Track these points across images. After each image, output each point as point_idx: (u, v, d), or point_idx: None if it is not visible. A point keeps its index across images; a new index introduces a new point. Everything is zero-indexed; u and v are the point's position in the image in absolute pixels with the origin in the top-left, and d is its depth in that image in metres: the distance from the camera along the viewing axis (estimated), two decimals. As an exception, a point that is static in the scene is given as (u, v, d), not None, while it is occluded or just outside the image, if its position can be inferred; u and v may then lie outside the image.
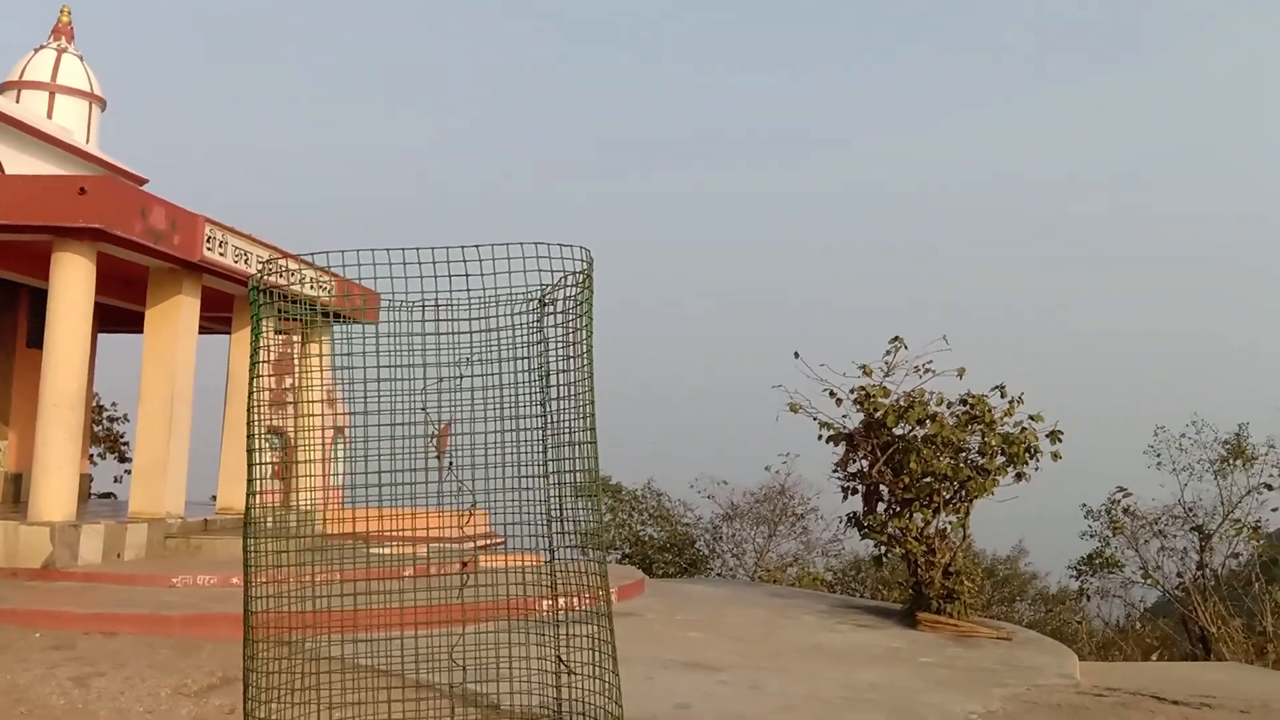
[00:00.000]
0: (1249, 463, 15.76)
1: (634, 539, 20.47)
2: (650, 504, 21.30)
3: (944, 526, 12.01)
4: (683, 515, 21.82)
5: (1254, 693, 8.80)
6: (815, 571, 21.46)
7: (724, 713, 6.75)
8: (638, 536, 20.55)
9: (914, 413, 11.81)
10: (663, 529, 20.78)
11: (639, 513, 21.01)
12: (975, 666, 8.92)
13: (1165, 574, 16.16)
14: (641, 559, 19.71)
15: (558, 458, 4.64)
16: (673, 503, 21.90)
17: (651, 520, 21.02)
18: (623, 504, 20.83)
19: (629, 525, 20.73)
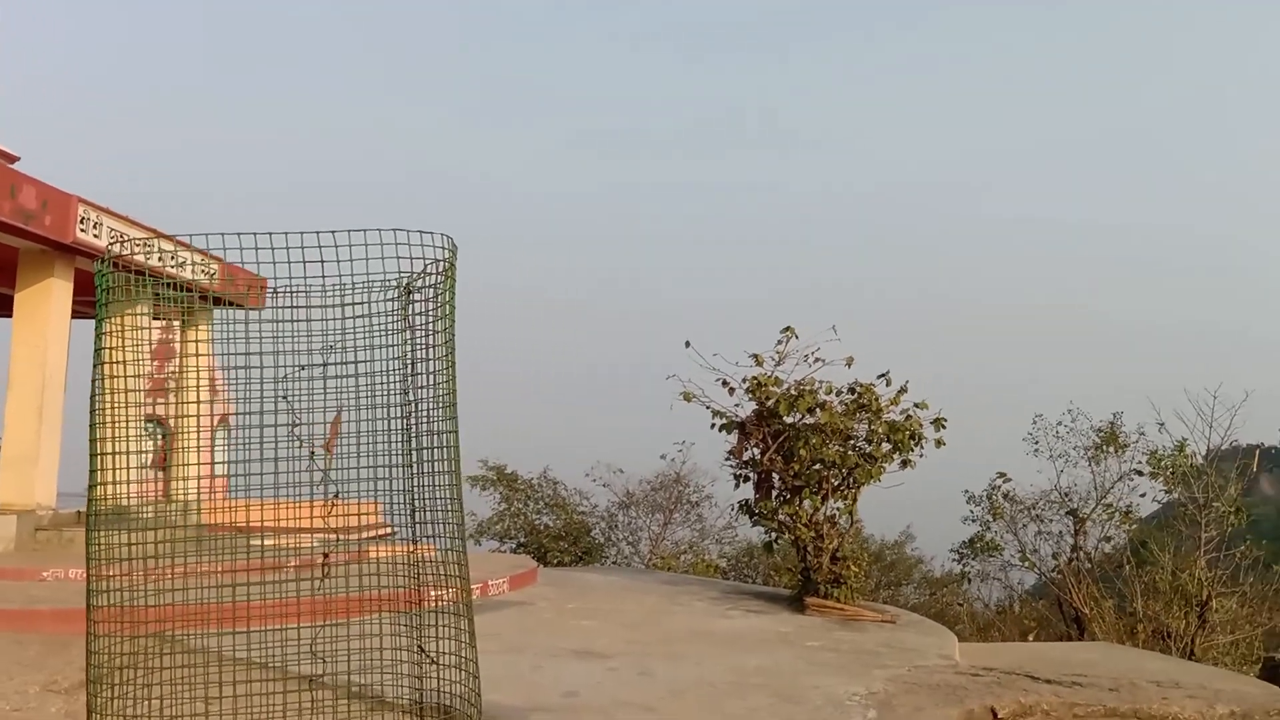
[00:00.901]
0: (1121, 450, 16.42)
1: (529, 528, 20.39)
2: (546, 492, 21.24)
3: (832, 513, 12.25)
4: (579, 504, 21.82)
5: (1122, 671, 9.19)
6: (709, 559, 21.68)
7: (612, 700, 6.77)
8: (533, 525, 20.47)
9: (804, 401, 12.01)
10: (558, 517, 20.74)
11: (534, 501, 20.93)
12: (859, 649, 9.12)
13: (1042, 557, 16.75)
14: (536, 548, 19.65)
15: (420, 446, 4.57)
16: (569, 491, 21.88)
17: (547, 509, 20.96)
18: (518, 493, 20.73)
19: (524, 514, 20.64)
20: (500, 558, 16.06)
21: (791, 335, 12.37)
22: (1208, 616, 14.21)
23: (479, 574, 11.54)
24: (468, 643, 4.30)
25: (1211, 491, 15.39)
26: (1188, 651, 13.71)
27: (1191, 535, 15.36)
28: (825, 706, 6.80)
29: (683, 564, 20.89)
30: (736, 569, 22.40)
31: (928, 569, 23.86)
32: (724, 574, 21.12)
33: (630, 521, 22.53)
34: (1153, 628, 14.39)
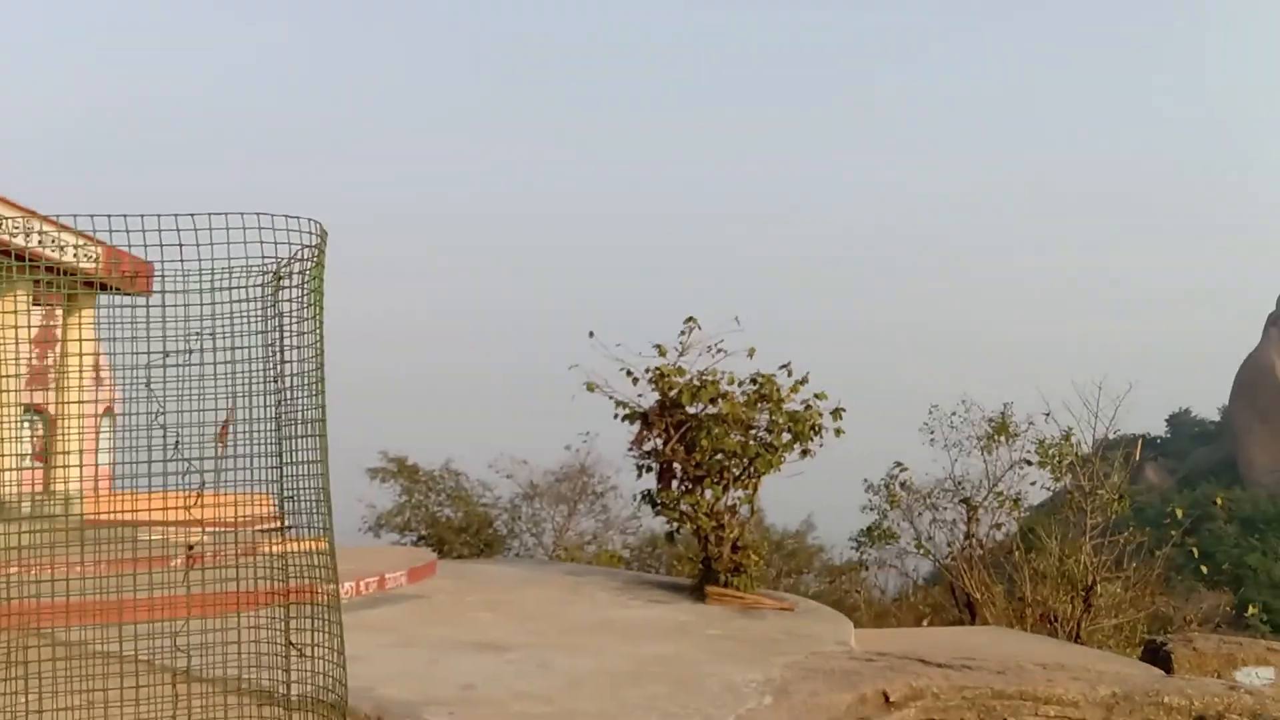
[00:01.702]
0: (1011, 439, 16.88)
1: (430, 520, 20.11)
2: (448, 484, 20.97)
3: (734, 502, 12.35)
4: (481, 495, 21.61)
5: (1010, 653, 9.46)
6: (613, 549, 21.71)
7: (510, 692, 6.70)
8: (434, 518, 20.20)
9: (707, 392, 12.08)
10: (460, 509, 20.50)
11: (436, 493, 20.65)
12: (758, 637, 9.21)
13: (937, 544, 17.11)
14: (437, 540, 19.40)
15: (289, 436, 4.43)
16: (471, 483, 21.65)
17: (449, 501, 20.70)
18: (419, 485, 20.43)
19: (425, 506, 20.35)
20: (399, 550, 15.82)
21: (694, 326, 12.43)
22: (1093, 601, 14.70)
23: (377, 567, 11.36)
24: (338, 634, 4.19)
25: (1097, 480, 15.92)
26: (1074, 635, 14.17)
27: (1078, 522, 15.85)
28: (723, 694, 6.84)
29: (586, 555, 20.87)
30: (640, 559, 22.46)
31: (828, 557, 24.24)
32: (627, 564, 21.17)
33: (534, 513, 22.42)
34: (1040, 612, 14.84)
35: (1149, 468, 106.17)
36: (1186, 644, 10.92)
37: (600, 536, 22.58)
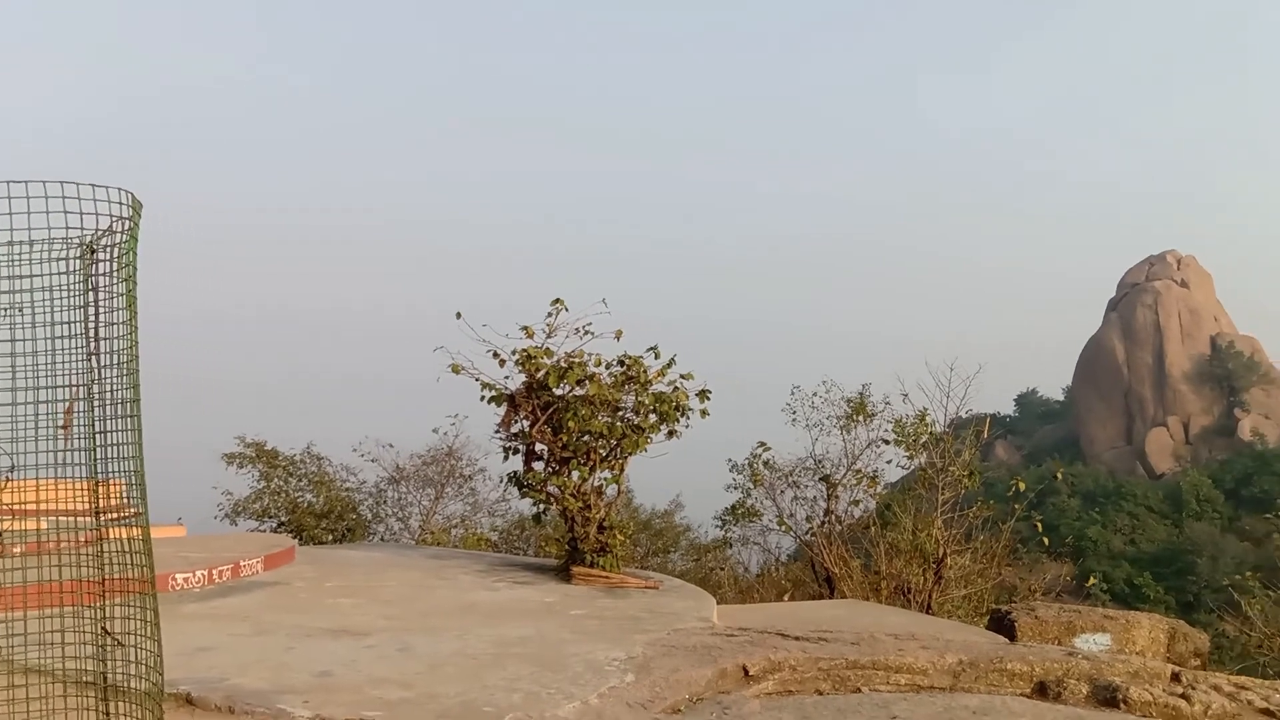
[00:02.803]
0: (869, 419, 17.43)
1: (290, 506, 19.58)
2: (309, 469, 20.45)
3: (600, 483, 12.40)
4: (345, 480, 21.16)
5: (864, 625, 9.77)
6: (480, 532, 21.55)
7: (368, 678, 6.58)
8: (295, 503, 19.67)
9: (574, 373, 12.07)
10: (321, 494, 20.02)
11: (296, 478, 20.10)
12: (622, 615, 9.27)
13: (798, 521, 17.57)
14: (297, 526, 18.91)
15: (102, 417, 4.24)
16: (334, 467, 21.18)
17: (310, 486, 20.19)
18: (278, 470, 19.86)
19: (285, 492, 19.80)
20: (255, 537, 15.35)
21: (561, 308, 12.39)
22: (943, 573, 15.31)
23: (231, 554, 11.00)
24: (154, 621, 4.03)
25: (949, 457, 16.56)
26: (925, 606, 14.74)
27: (930, 498, 16.47)
28: (585, 673, 6.86)
29: (453, 538, 20.67)
30: (508, 541, 22.37)
31: (695, 536, 24.60)
32: (495, 547, 21.05)
33: (400, 497, 22.09)
34: (895, 584, 15.38)
35: (998, 445, 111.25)
36: (1029, 613, 11.46)
37: (468, 520, 22.38)
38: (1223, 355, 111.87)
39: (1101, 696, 7.39)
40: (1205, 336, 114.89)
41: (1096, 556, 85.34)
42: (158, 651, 3.97)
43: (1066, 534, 59.38)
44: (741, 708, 6.46)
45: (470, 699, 6.10)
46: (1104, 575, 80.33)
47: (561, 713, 5.94)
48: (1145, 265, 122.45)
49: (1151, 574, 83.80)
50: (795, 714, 6.32)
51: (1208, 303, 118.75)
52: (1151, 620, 11.57)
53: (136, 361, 4.03)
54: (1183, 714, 7.14)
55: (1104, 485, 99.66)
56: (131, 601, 4.04)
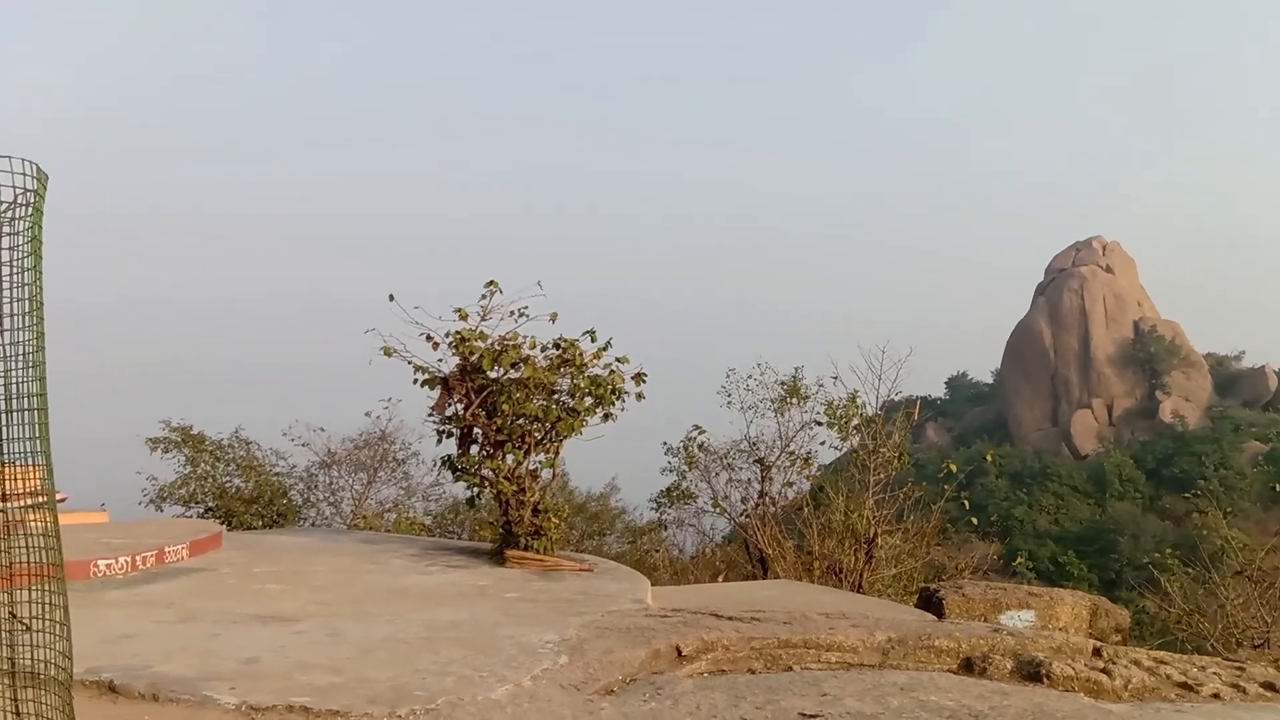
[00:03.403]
0: (802, 401, 17.60)
1: (219, 491, 19.20)
2: (237, 454, 20.06)
3: (535, 466, 12.35)
4: (274, 464, 20.80)
5: (796, 604, 9.88)
6: (414, 516, 21.36)
7: (296, 664, 6.48)
8: (223, 489, 19.29)
9: (508, 356, 11.99)
10: (250, 479, 19.66)
11: (224, 464, 19.72)
12: (556, 598, 9.25)
13: (732, 503, 17.71)
14: (226, 512, 18.57)
15: (5, 397, 4.09)
16: (264, 452, 20.80)
17: (238, 471, 19.82)
18: (205, 454, 19.46)
19: (213, 477, 19.41)
20: (181, 523, 15.05)
21: (495, 290, 12.28)
22: (874, 553, 15.54)
23: (155, 541, 10.78)
24: (62, 607, 3.92)
25: (880, 439, 16.78)
26: (856, 585, 14.95)
27: (862, 479, 16.69)
28: (519, 656, 6.84)
29: (386, 523, 20.46)
30: (442, 526, 22.22)
31: (631, 519, 24.68)
32: (429, 531, 20.89)
33: (332, 482, 21.77)
34: (827, 565, 15.58)
35: (929, 427, 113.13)
36: (957, 591, 11.69)
37: (402, 504, 22.17)
38: (1145, 339, 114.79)
39: (1025, 671, 7.56)
40: (1129, 321, 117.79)
41: (1023, 536, 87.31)
42: (67, 637, 3.85)
43: (994, 514, 60.65)
44: (674, 687, 6.48)
45: (402, 683, 6.05)
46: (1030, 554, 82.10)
47: (494, 695, 5.91)
48: (1072, 251, 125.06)
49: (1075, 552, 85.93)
50: (727, 693, 6.36)
51: (1131, 288, 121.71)
52: (1074, 597, 11.87)
53: (42, 339, 3.89)
54: (1103, 688, 7.32)
55: (1030, 466, 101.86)
56: (40, 587, 3.92)
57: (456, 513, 21.98)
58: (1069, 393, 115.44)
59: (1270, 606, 14.70)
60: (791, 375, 17.72)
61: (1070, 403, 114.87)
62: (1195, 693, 7.45)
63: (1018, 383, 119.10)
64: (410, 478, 22.25)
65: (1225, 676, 7.94)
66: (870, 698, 6.18)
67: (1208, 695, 7.40)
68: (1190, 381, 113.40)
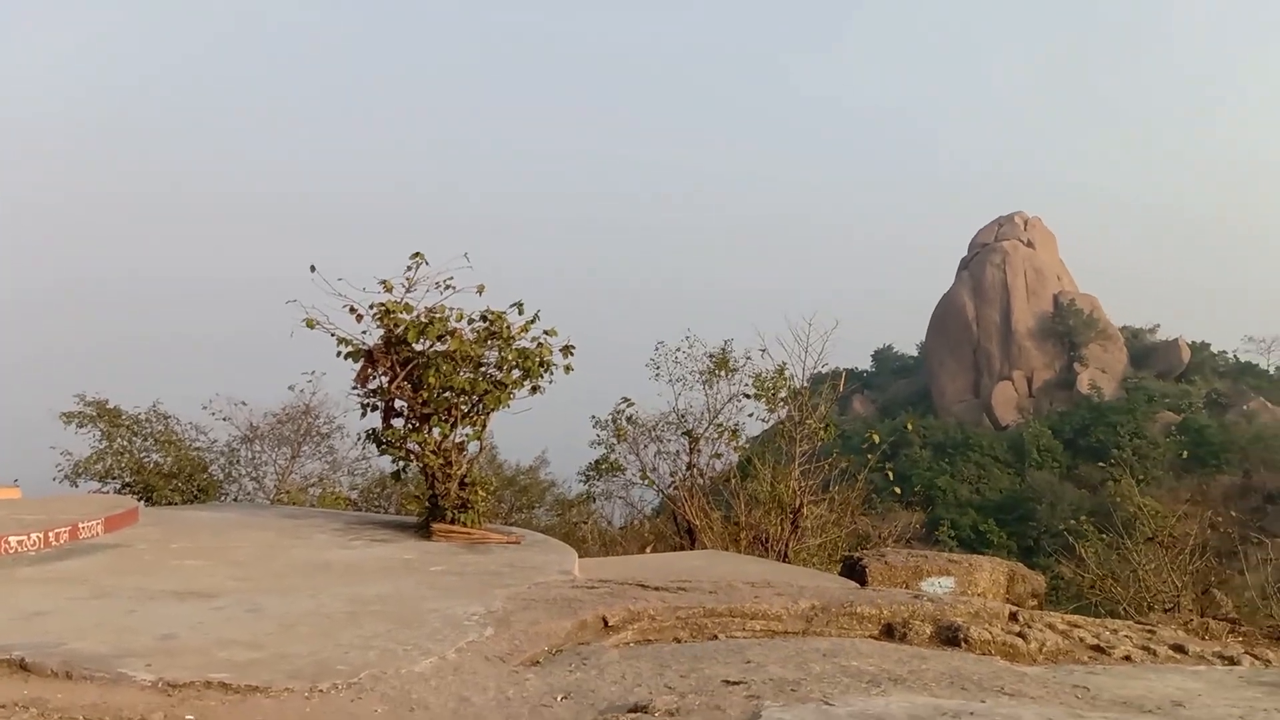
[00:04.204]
0: (731, 374, 17.71)
1: (136, 466, 18.75)
2: (156, 428, 19.60)
3: (462, 439, 12.26)
4: (194, 439, 20.37)
5: (722, 573, 9.97)
6: (339, 491, 21.11)
7: (215, 639, 6.35)
8: (141, 464, 18.84)
9: (434, 329, 11.84)
10: (169, 454, 19.23)
11: (142, 438, 19.24)
12: (483, 570, 9.21)
13: (661, 475, 17.78)
14: (144, 488, 18.15)
15: None
16: (183, 426, 20.36)
17: (157, 446, 19.36)
18: (122, 429, 18.97)
19: (130, 452, 18.94)
20: (96, 499, 14.67)
21: (421, 262, 12.11)
22: (800, 522, 15.75)
23: (68, 516, 10.48)
24: None
25: (806, 410, 16.97)
26: (782, 554, 15.15)
27: (789, 451, 16.87)
28: (444, 628, 6.79)
29: (310, 497, 20.19)
30: (368, 500, 21.99)
31: (560, 492, 24.67)
32: (354, 505, 20.67)
33: (254, 456, 21.42)
34: (753, 535, 15.76)
35: (856, 399, 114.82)
36: (880, 559, 11.89)
37: (327, 479, 21.91)
38: (1064, 313, 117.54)
39: (944, 636, 7.73)
40: (1049, 295, 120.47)
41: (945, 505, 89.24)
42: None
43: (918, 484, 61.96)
44: (600, 657, 6.50)
45: (324, 658, 5.96)
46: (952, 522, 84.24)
47: (418, 669, 5.86)
48: (995, 226, 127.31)
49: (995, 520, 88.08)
50: (653, 662, 6.39)
51: (1051, 262, 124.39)
52: (993, 564, 12.16)
53: None
54: (1019, 651, 7.52)
55: (953, 437, 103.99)
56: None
57: (383, 487, 21.76)
58: (990, 365, 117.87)
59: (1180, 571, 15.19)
60: (720, 348, 17.81)
61: (992, 375, 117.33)
62: (1107, 655, 7.69)
63: (942, 355, 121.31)
64: (335, 452, 22.04)
65: (1136, 639, 8.21)
66: (793, 664, 6.25)
67: (1119, 657, 7.64)
68: (1107, 354, 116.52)
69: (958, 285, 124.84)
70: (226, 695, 5.36)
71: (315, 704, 5.29)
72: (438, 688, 5.62)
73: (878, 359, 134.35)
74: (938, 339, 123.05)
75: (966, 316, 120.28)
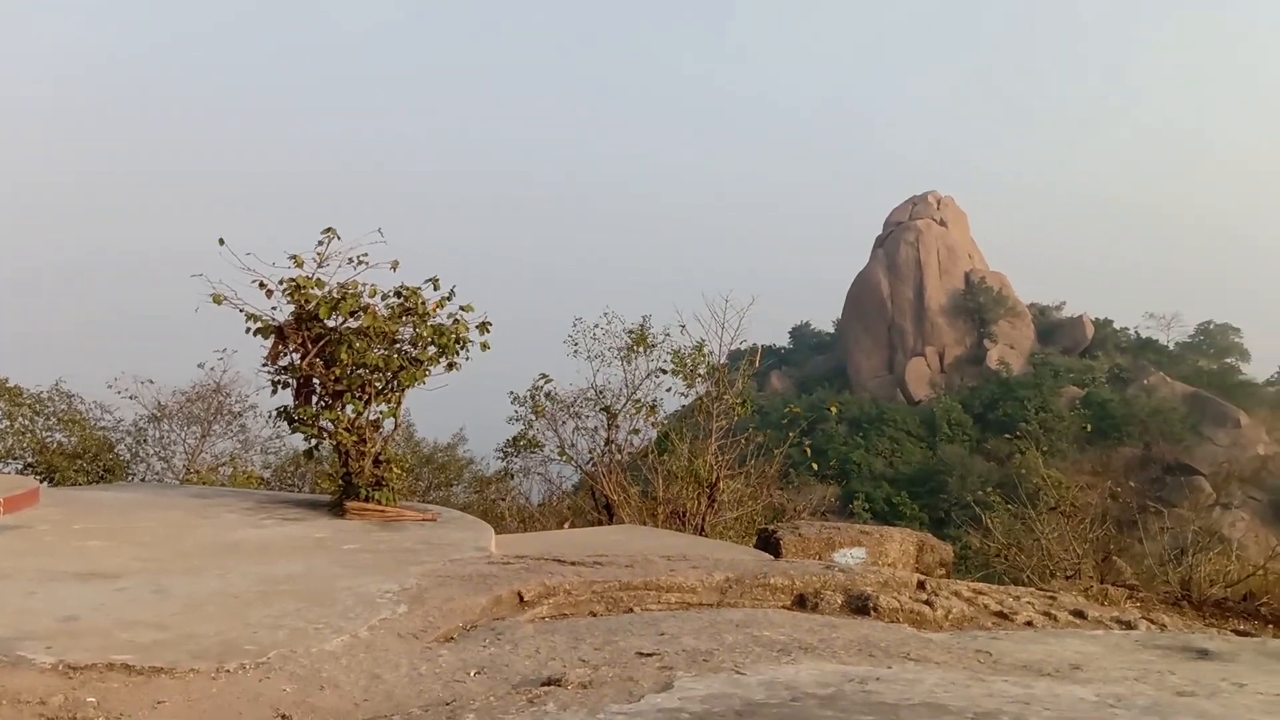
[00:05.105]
0: (649, 350, 17.79)
1: (38, 446, 18.17)
2: (59, 407, 19.00)
3: (376, 416, 12.11)
4: (99, 419, 19.80)
5: (639, 548, 10.03)
6: (251, 470, 20.72)
7: (118, 621, 6.21)
8: (43, 444, 18.26)
9: (346, 304, 11.65)
10: (74, 434, 18.66)
11: (44, 417, 18.64)
12: (398, 548, 9.14)
13: (579, 451, 17.81)
14: (47, 468, 17.60)
15: None
16: (87, 406, 19.77)
17: (61, 425, 18.78)
18: (22, 408, 18.35)
19: (31, 431, 18.34)
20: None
21: (333, 236, 11.89)
22: (716, 497, 15.93)
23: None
24: None
25: (724, 386, 17.14)
26: (699, 528, 15.31)
27: (706, 426, 17.03)
28: (356, 606, 6.73)
29: (221, 477, 19.79)
30: (281, 479, 21.63)
31: (479, 469, 24.55)
32: (267, 485, 20.31)
33: (162, 436, 20.89)
34: (671, 509, 15.89)
35: (774, 375, 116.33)
36: (794, 531, 12.11)
37: (238, 457, 21.47)
38: (975, 290, 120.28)
39: (854, 605, 7.90)
40: (960, 273, 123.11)
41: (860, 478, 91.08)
42: None
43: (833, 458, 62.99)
44: (515, 632, 6.51)
45: (231, 638, 5.87)
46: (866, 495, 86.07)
47: (329, 647, 5.81)
48: (909, 205, 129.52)
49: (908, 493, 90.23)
50: (567, 636, 6.42)
51: (963, 240, 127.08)
52: (903, 534, 12.47)
53: None
54: (926, 619, 7.72)
55: (868, 412, 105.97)
56: None
57: (296, 465, 21.41)
58: (904, 341, 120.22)
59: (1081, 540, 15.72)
60: (639, 324, 17.87)
61: (905, 351, 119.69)
62: (1010, 621, 7.94)
63: (857, 332, 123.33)
64: (248, 430, 21.60)
65: (1038, 605, 8.49)
66: (706, 635, 6.33)
67: (1021, 623, 7.89)
68: (1015, 330, 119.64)
69: (873, 263, 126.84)
70: (130, 677, 5.26)
71: (221, 684, 5.22)
72: (348, 666, 5.58)
73: (795, 336, 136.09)
74: (854, 316, 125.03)
75: (881, 294, 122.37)
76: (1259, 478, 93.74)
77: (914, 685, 4.84)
